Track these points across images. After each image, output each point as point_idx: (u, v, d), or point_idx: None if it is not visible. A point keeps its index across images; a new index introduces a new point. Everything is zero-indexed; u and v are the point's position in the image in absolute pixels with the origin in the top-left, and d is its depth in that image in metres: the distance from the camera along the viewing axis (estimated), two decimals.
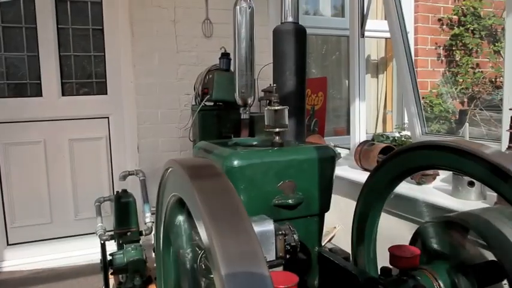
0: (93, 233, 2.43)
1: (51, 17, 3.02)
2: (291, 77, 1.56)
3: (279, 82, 1.56)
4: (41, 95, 3.07)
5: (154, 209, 1.14)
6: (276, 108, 1.32)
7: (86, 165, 3.18)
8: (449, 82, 3.80)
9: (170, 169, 0.98)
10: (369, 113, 3.89)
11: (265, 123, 1.34)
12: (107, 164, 3.23)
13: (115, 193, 2.50)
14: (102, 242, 2.29)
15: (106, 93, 3.19)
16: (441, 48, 3.76)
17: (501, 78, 3.62)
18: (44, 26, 3.01)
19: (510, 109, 1.66)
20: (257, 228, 1.02)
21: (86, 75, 3.19)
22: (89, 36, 3.14)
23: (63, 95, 3.12)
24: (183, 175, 0.82)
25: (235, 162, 1.16)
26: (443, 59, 3.77)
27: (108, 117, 3.21)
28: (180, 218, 1.07)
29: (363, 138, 2.72)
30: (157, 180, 1.05)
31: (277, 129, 1.32)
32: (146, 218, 2.44)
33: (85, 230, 3.18)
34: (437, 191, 1.95)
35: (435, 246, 1.14)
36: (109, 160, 3.24)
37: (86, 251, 3.12)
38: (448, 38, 3.77)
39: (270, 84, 1.37)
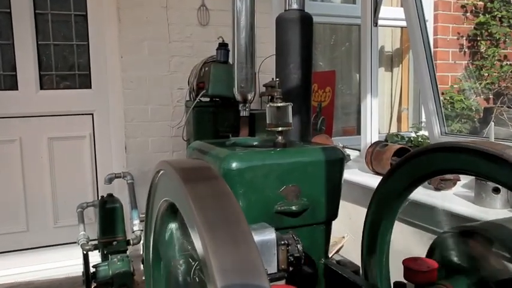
0: (75, 243, 2.44)
1: (27, 0, 3.02)
2: (295, 70, 1.57)
3: (283, 76, 1.57)
4: (16, 89, 3.08)
5: (144, 215, 1.15)
6: (279, 104, 1.33)
7: (67, 166, 3.20)
8: (473, 76, 3.80)
9: (161, 172, 0.99)
10: (382, 111, 3.91)
11: (267, 122, 1.36)
12: (90, 166, 3.25)
13: (99, 198, 2.51)
14: (85, 252, 2.30)
15: (90, 87, 3.21)
16: (464, 38, 3.76)
17: None
18: (20, 11, 3.02)
19: None
20: (257, 237, 1.03)
21: (67, 66, 3.20)
22: (70, 23, 3.16)
23: (41, 88, 3.13)
24: (176, 178, 0.83)
25: (234, 165, 1.18)
26: (466, 50, 3.78)
27: (92, 114, 3.22)
28: (172, 226, 1.08)
29: (375, 138, 2.74)
30: (147, 183, 1.06)
31: (280, 128, 1.34)
32: (134, 225, 2.45)
33: (65, 239, 3.19)
34: (458, 198, 1.96)
35: (455, 259, 1.14)
36: (93, 161, 3.25)
37: (66, 263, 3.13)
38: (472, 27, 3.77)
39: (273, 79, 1.39)
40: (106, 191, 2.64)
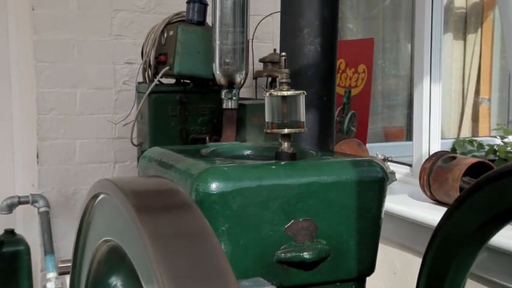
0: None
1: None
2: (311, 38, 1.57)
3: (291, 47, 1.57)
4: None
5: (65, 265, 1.16)
6: (285, 93, 1.34)
7: None
8: None
9: (101, 196, 1.01)
10: (448, 103, 3.92)
11: (266, 120, 1.37)
12: None
13: None
14: None
15: None
16: None
17: None
18: None
19: None
20: None
21: None
22: None
23: None
24: (125, 207, 0.84)
25: (214, 186, 1.19)
26: None
27: None
28: (116, 282, 1.09)
29: (436, 148, 2.74)
30: (73, 214, 1.10)
31: (286, 130, 1.35)
32: (49, 281, 2.45)
33: None
34: None
35: None
36: None
37: None
38: None
39: (275, 51, 1.40)
40: (3, 225, 2.63)
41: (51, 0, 3.16)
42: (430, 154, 2.56)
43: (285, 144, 1.35)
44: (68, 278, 1.26)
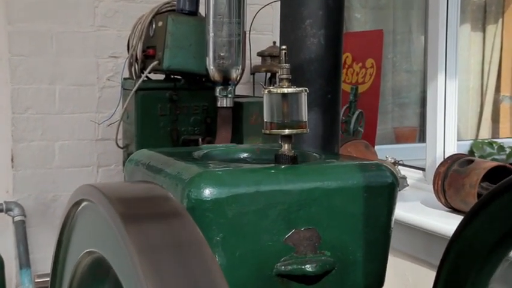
0: None
1: None
2: (314, 30, 1.56)
3: (292, 40, 1.56)
4: None
5: (43, 280, 1.15)
6: (286, 90, 1.34)
7: None
8: None
9: (83, 204, 1.00)
10: (465, 101, 3.91)
11: (265, 119, 1.36)
12: None
13: None
14: None
15: None
16: None
17: None
18: None
19: None
20: None
21: None
22: None
23: None
24: (111, 216, 0.84)
25: (208, 192, 1.18)
26: None
27: None
28: None
29: (452, 150, 2.73)
30: (52, 223, 1.10)
31: (287, 131, 1.34)
32: None
33: None
34: None
35: None
36: None
37: None
38: None
39: (274, 43, 1.39)
40: None
41: None
42: (445, 157, 2.55)
43: (286, 147, 1.35)
44: None
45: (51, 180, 3.15)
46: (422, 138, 3.17)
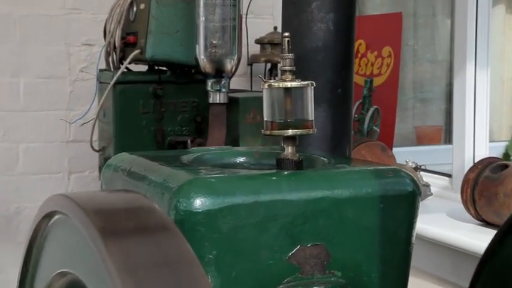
0: None
1: None
2: (321, 14, 1.52)
3: (296, 25, 1.53)
4: None
5: None
6: (289, 84, 1.29)
7: None
8: None
9: (56, 217, 0.98)
10: (498, 95, 3.86)
11: (265, 118, 1.33)
12: None
13: None
14: None
15: None
16: None
17: None
18: None
19: None
20: None
21: None
22: None
23: None
24: (87, 230, 0.82)
25: (198, 202, 1.13)
26: None
27: None
28: None
29: (482, 153, 2.65)
30: (16, 239, 1.12)
31: (290, 132, 1.30)
32: None
33: None
34: None
35: None
36: None
37: None
38: None
39: (275, 29, 1.30)
40: None
41: None
42: (475, 161, 2.47)
43: (289, 150, 1.30)
44: None
45: (14, 189, 3.05)
46: (448, 139, 3.20)
